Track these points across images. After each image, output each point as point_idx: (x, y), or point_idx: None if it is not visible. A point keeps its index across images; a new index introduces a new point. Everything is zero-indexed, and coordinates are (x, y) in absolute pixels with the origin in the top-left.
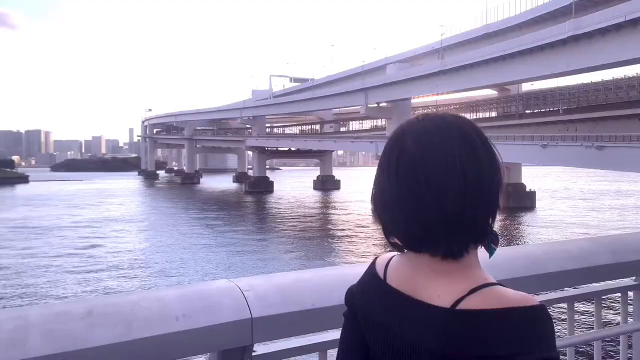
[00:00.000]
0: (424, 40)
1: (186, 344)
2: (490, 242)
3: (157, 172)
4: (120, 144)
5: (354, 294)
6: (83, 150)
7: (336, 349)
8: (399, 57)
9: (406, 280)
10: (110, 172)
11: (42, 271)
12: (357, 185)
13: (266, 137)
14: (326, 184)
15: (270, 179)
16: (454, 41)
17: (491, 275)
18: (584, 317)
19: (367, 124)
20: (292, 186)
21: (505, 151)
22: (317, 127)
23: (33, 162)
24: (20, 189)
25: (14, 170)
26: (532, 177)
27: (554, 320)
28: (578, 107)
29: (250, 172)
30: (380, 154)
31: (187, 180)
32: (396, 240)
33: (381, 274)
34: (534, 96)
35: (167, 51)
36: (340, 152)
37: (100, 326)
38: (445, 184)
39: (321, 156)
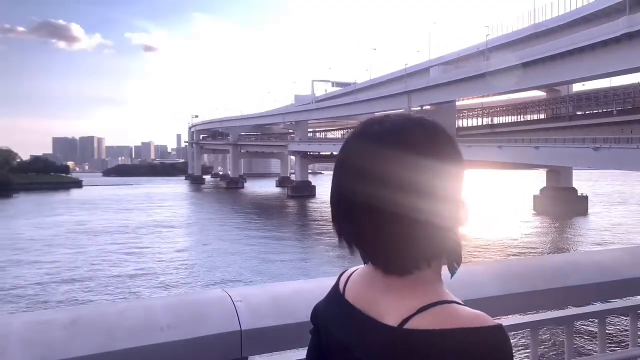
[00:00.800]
0: (468, 42)
1: (170, 356)
2: (453, 260)
3: (203, 176)
4: (169, 150)
5: (318, 311)
6: (133, 156)
7: None
8: (443, 59)
9: (361, 294)
10: (159, 176)
11: (92, 270)
12: None
13: (308, 142)
14: None
15: (313, 183)
16: (499, 42)
17: (505, 288)
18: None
19: None
20: None
21: (554, 154)
22: None
23: (86, 167)
24: (75, 193)
25: (69, 175)
26: (583, 181)
27: (580, 337)
28: (633, 107)
29: (293, 177)
30: None
31: (232, 185)
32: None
33: (341, 288)
34: (586, 97)
35: (213, 59)
36: None
37: (83, 336)
38: (353, 199)
39: None
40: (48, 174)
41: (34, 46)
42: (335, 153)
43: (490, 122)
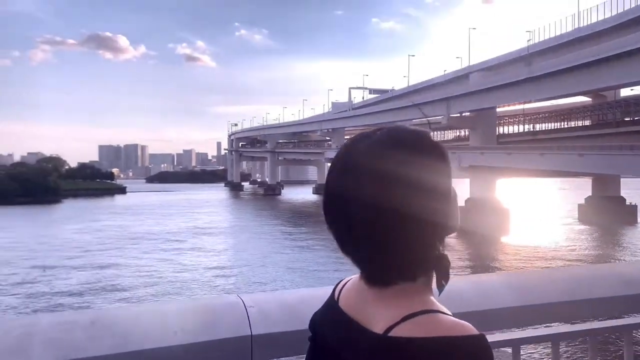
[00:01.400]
0: (509, 48)
1: (183, 358)
2: (441, 277)
3: (242, 183)
4: (209, 157)
5: (316, 318)
6: (175, 163)
7: None
8: (483, 65)
9: (352, 302)
10: (199, 183)
11: (132, 272)
12: None
13: None
14: None
15: None
16: (542, 47)
17: (522, 299)
18: None
19: (449, 135)
20: None
21: (600, 162)
22: None
23: (130, 174)
24: (119, 199)
25: (113, 181)
26: (632, 190)
27: (605, 351)
28: None
29: None
30: (463, 165)
31: (270, 192)
32: None
33: (336, 296)
34: (634, 102)
35: (252, 68)
36: None
37: (101, 337)
38: (329, 214)
39: None
40: (94, 181)
41: (83, 57)
42: None
43: (532, 129)
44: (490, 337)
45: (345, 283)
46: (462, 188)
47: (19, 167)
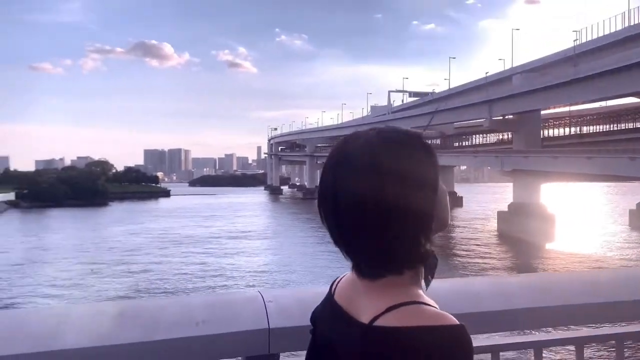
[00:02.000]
0: (553, 49)
1: (204, 349)
2: (428, 272)
3: (281, 187)
4: (249, 161)
5: (316, 312)
6: (217, 167)
7: None
8: (527, 66)
9: (345, 295)
10: (240, 187)
11: (173, 275)
12: (482, 202)
13: None
14: None
15: None
16: (589, 47)
17: (538, 300)
18: None
19: (492, 138)
20: None
21: None
22: (437, 141)
23: (174, 177)
24: (163, 202)
25: (158, 185)
26: None
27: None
28: None
29: None
30: (506, 168)
31: (308, 195)
32: None
33: (333, 290)
34: None
35: (291, 73)
36: (463, 167)
37: (129, 326)
38: (321, 207)
39: (442, 171)
40: (140, 184)
41: (130, 65)
42: None
43: (578, 132)
44: (511, 339)
45: (342, 278)
46: (505, 192)
47: (69, 170)
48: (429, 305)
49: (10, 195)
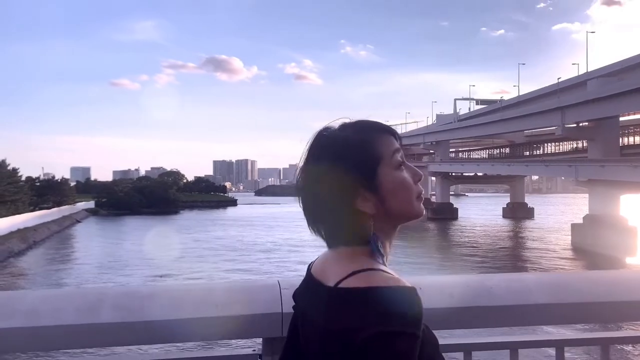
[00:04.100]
0: (631, 52)
1: (222, 328)
2: (374, 249)
3: None
4: None
5: (297, 289)
6: (282, 177)
7: None
8: (603, 71)
9: (318, 266)
10: None
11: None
12: (554, 214)
13: (450, 162)
14: (517, 211)
15: (455, 206)
16: None
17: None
18: None
19: (565, 147)
20: (478, 213)
21: None
22: (507, 150)
23: (241, 187)
24: (230, 211)
25: (226, 194)
26: None
27: None
28: None
29: (433, 198)
30: (580, 178)
31: None
32: None
33: (311, 265)
34: None
35: (357, 83)
36: (534, 178)
37: (157, 305)
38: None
39: (511, 181)
40: (208, 193)
41: (201, 79)
42: (479, 174)
43: None
44: (530, 337)
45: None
46: (578, 204)
47: (143, 180)
48: (387, 272)
49: (91, 204)
